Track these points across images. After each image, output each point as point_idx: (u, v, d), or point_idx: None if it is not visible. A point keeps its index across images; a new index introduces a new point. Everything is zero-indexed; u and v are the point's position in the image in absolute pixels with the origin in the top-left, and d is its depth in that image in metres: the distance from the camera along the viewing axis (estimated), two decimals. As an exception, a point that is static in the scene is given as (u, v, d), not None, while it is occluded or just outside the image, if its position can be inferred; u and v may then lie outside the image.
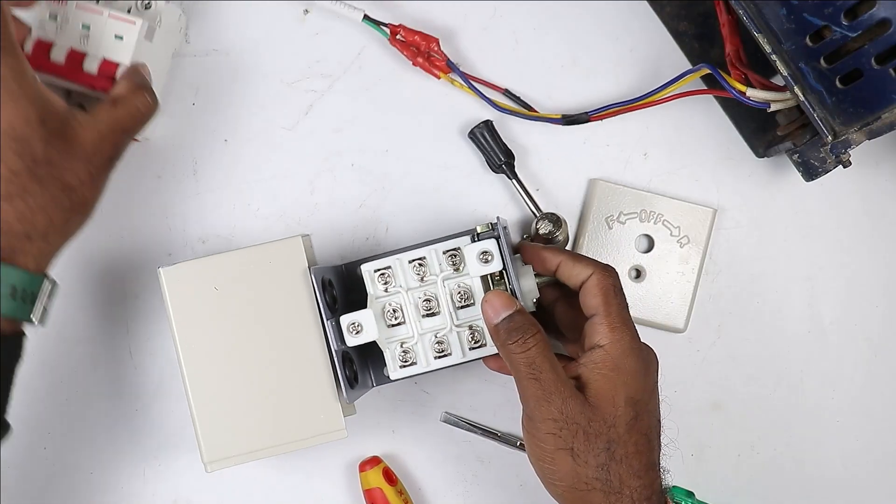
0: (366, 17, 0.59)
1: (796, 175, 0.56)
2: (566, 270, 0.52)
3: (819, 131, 0.52)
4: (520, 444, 0.61)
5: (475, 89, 0.59)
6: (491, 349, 0.52)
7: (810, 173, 0.55)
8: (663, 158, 0.62)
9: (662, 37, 0.62)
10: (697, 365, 0.62)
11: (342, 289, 0.56)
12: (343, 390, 0.52)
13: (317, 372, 0.52)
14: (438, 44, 0.59)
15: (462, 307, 0.53)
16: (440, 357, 0.53)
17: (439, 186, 0.61)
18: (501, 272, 0.51)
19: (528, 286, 0.52)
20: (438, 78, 0.60)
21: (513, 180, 0.60)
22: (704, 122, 0.62)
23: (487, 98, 0.60)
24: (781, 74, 0.51)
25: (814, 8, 0.47)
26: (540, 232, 0.59)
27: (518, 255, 0.54)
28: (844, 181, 0.62)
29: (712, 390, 0.62)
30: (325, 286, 0.53)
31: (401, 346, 0.53)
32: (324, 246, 0.61)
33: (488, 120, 0.60)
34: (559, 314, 0.55)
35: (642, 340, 0.51)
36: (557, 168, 0.61)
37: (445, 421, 0.61)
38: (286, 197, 0.61)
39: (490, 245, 0.50)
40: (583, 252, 0.61)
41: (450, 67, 0.59)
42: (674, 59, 0.61)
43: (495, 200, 0.61)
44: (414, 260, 0.52)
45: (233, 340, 0.53)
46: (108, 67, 0.53)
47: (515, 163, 0.60)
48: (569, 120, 0.60)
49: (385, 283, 0.53)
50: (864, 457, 0.62)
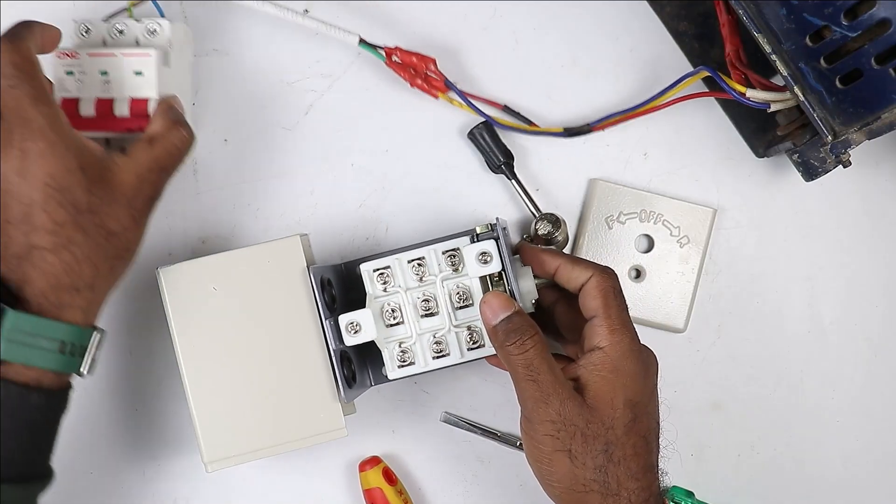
0: (362, 42, 0.57)
1: (796, 175, 0.56)
2: (565, 274, 0.52)
3: (819, 131, 0.52)
4: (519, 444, 0.60)
5: (474, 107, 0.59)
6: (489, 350, 0.52)
7: (810, 173, 0.55)
8: (663, 158, 0.62)
9: (662, 37, 0.62)
10: (697, 365, 0.62)
11: (341, 288, 0.56)
12: (341, 390, 0.52)
13: (316, 371, 0.52)
14: (435, 63, 0.58)
15: (461, 308, 0.53)
16: (438, 357, 0.53)
17: (439, 186, 0.61)
18: (500, 273, 0.51)
19: (527, 287, 0.52)
20: (437, 98, 0.59)
21: (512, 180, 0.60)
22: (704, 122, 0.62)
23: (487, 116, 0.60)
24: (781, 74, 0.51)
25: (814, 8, 0.47)
26: (539, 233, 0.59)
27: (517, 256, 0.54)
28: (844, 181, 0.61)
29: (712, 390, 0.62)
30: (324, 285, 0.53)
31: (399, 346, 0.53)
32: (324, 246, 0.60)
33: (487, 120, 0.60)
34: (559, 315, 0.55)
35: (642, 342, 0.51)
36: (557, 168, 0.61)
37: (445, 421, 0.61)
38: (286, 197, 0.61)
39: (489, 246, 0.50)
40: (583, 252, 0.61)
41: (448, 87, 0.59)
42: (674, 59, 0.61)
43: (495, 201, 0.61)
44: (413, 260, 0.53)
45: (232, 340, 0.53)
46: (139, 106, 0.52)
47: (515, 163, 0.60)
48: (571, 132, 0.60)
49: (384, 283, 0.53)
50: (864, 457, 0.62)
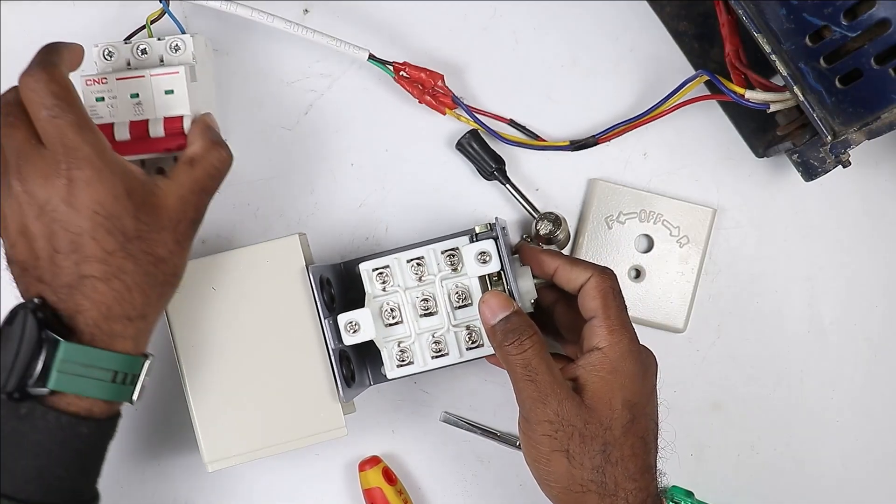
0: (371, 57, 0.57)
1: (796, 175, 0.56)
2: (564, 275, 0.52)
3: (819, 131, 0.52)
4: (519, 444, 0.60)
5: (481, 123, 0.59)
6: (488, 349, 0.52)
7: (810, 173, 0.55)
8: (663, 158, 0.62)
9: (662, 37, 0.61)
10: (697, 365, 0.62)
11: (340, 287, 0.56)
12: (340, 389, 0.52)
13: (315, 370, 0.53)
14: (444, 79, 0.58)
15: (460, 307, 0.53)
16: (437, 357, 0.53)
17: (439, 186, 0.61)
18: (499, 273, 0.51)
19: (526, 287, 0.52)
20: (444, 114, 0.59)
21: (506, 185, 0.60)
22: (704, 123, 0.62)
23: (493, 131, 0.60)
24: (781, 74, 0.51)
25: (813, 8, 0.47)
26: (540, 232, 0.59)
27: (517, 256, 0.54)
28: (844, 181, 0.61)
29: (712, 390, 0.62)
30: (324, 285, 0.53)
31: (398, 346, 0.53)
32: (323, 245, 0.61)
33: (474, 129, 0.60)
34: (558, 315, 0.55)
35: (642, 342, 0.51)
36: (557, 168, 0.61)
37: (445, 421, 0.61)
38: (286, 197, 0.61)
39: (488, 246, 0.50)
40: (582, 252, 0.61)
41: (455, 103, 0.59)
42: (674, 59, 0.61)
43: (495, 200, 0.61)
44: (412, 259, 0.53)
45: (231, 340, 0.53)
46: (173, 124, 0.52)
47: (516, 164, 0.60)
48: (577, 146, 0.60)
49: (383, 283, 0.53)
50: (864, 457, 0.62)
